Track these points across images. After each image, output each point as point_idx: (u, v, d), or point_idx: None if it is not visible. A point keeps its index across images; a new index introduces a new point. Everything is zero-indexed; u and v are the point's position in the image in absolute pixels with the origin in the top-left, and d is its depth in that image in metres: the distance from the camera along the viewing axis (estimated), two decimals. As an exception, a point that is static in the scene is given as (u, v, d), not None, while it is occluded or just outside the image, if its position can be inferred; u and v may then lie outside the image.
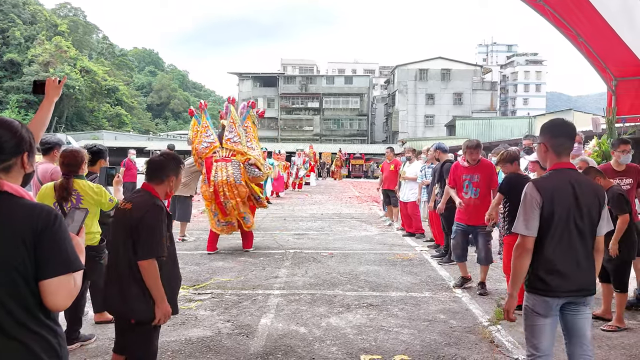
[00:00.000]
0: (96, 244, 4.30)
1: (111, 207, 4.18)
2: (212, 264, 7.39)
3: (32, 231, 1.63)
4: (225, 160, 7.91)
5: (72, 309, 4.23)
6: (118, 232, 3.00)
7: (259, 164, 8.07)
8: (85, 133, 54.17)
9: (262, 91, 66.02)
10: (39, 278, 1.64)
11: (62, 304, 1.69)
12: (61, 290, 1.66)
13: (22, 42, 59.96)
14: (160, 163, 3.13)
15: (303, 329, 4.73)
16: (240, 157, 7.95)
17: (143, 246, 2.85)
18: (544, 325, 2.79)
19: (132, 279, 2.87)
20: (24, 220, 1.64)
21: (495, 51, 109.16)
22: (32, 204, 1.71)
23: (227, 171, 7.84)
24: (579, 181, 2.80)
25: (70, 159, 4.10)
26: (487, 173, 6.14)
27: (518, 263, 2.78)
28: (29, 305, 1.64)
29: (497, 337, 4.53)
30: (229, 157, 7.93)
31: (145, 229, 2.86)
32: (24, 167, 1.79)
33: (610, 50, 7.79)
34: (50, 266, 1.64)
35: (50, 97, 2.68)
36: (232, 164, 7.89)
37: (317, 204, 17.16)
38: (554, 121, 2.93)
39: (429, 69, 58.46)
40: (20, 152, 1.76)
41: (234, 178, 7.82)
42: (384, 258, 7.93)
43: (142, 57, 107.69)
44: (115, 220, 3.10)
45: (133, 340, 2.97)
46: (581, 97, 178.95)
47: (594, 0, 6.90)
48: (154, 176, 3.11)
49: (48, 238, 1.65)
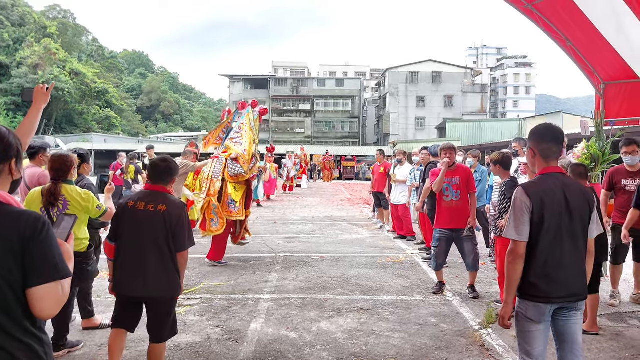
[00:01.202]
0: (84, 250, 4.25)
1: (99, 214, 4.12)
2: (202, 269, 7.34)
3: (19, 238, 1.61)
4: (215, 157, 7.74)
5: (59, 315, 4.16)
6: (156, 229, 3.33)
7: (242, 160, 7.46)
8: (75, 136, 53.75)
9: (254, 93, 65.85)
10: (26, 286, 1.62)
11: (49, 312, 1.67)
12: (49, 298, 1.64)
13: (10, 44, 59.46)
14: (166, 167, 3.54)
15: (293, 334, 4.70)
16: (226, 154, 7.63)
17: (183, 239, 3.40)
18: (536, 331, 2.77)
19: (173, 266, 3.38)
20: (11, 227, 1.62)
21: (486, 54, 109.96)
22: (20, 211, 1.69)
23: (212, 167, 7.63)
24: (568, 185, 2.81)
25: (59, 164, 4.05)
26: (465, 176, 6.15)
27: (512, 269, 2.76)
28: (16, 313, 1.62)
29: (487, 341, 4.53)
30: (218, 154, 7.73)
31: (182, 225, 3.39)
32: (12, 173, 1.77)
33: (598, 54, 7.85)
34: (37, 274, 1.62)
35: (38, 104, 2.67)
36: (219, 159, 7.62)
37: (308, 206, 17.13)
38: (540, 126, 2.94)
39: (420, 72, 58.66)
40: (8, 159, 1.74)
41: (213, 173, 7.52)
42: (375, 261, 7.92)
43: (132, 59, 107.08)
44: (146, 219, 3.35)
45: (171, 316, 3.46)
46: (570, 99, 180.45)
47: (583, 5, 6.95)
48: (162, 179, 3.52)
49: (36, 245, 1.62)
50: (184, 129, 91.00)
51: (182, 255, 3.42)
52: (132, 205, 3.41)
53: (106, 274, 6.75)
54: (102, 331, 4.65)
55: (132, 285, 3.38)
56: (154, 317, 3.44)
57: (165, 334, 3.46)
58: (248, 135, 7.80)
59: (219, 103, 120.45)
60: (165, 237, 3.33)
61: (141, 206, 3.38)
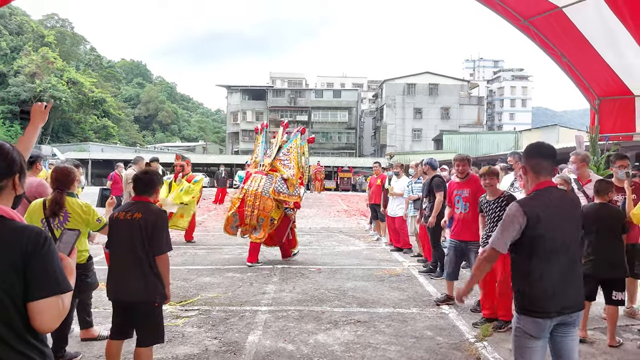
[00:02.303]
0: (84, 262, 4.28)
1: (99, 227, 4.21)
2: (200, 280, 7.35)
3: (21, 253, 1.64)
4: (262, 173, 8.49)
5: (59, 327, 4.19)
6: (133, 236, 3.51)
7: (289, 183, 8.32)
8: (72, 145, 53.70)
9: (251, 104, 66.10)
10: (27, 299, 1.65)
11: (50, 325, 1.70)
12: (49, 312, 1.67)
13: (7, 52, 59.51)
14: (148, 179, 3.76)
15: (291, 346, 4.72)
16: (277, 174, 8.43)
17: (160, 244, 3.53)
18: (535, 347, 2.80)
19: (150, 271, 3.51)
20: (14, 242, 1.65)
21: (482, 66, 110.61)
22: (22, 226, 1.73)
23: (260, 182, 8.31)
24: (562, 199, 2.90)
25: (62, 176, 4.11)
26: (475, 188, 6.23)
27: (484, 269, 3.03)
28: (17, 326, 1.65)
29: (483, 354, 4.57)
30: (267, 172, 8.49)
31: (159, 230, 3.54)
32: (15, 188, 1.81)
33: (593, 70, 7.95)
34: (39, 288, 1.65)
35: (36, 123, 2.70)
36: (268, 177, 8.39)
37: (305, 217, 17.15)
38: (531, 144, 3.06)
39: (417, 84, 59.04)
40: (11, 175, 1.78)
41: (263, 190, 8.19)
42: (372, 274, 7.95)
43: (129, 68, 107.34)
44: (125, 227, 3.56)
45: (153, 321, 3.58)
46: (566, 112, 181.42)
47: (578, 22, 7.07)
48: (145, 190, 3.73)
49: (37, 260, 1.66)
50: (181, 139, 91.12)
51: (160, 259, 3.55)
52: (116, 216, 3.66)
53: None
54: (101, 342, 4.66)
55: (117, 290, 3.62)
56: (135, 321, 3.61)
57: (147, 339, 3.59)
58: (295, 161, 8.72)
59: (217, 113, 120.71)
60: (142, 243, 3.49)
61: (122, 216, 3.62)
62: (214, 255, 9.33)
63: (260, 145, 9.11)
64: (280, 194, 8.20)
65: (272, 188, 8.20)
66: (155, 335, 3.61)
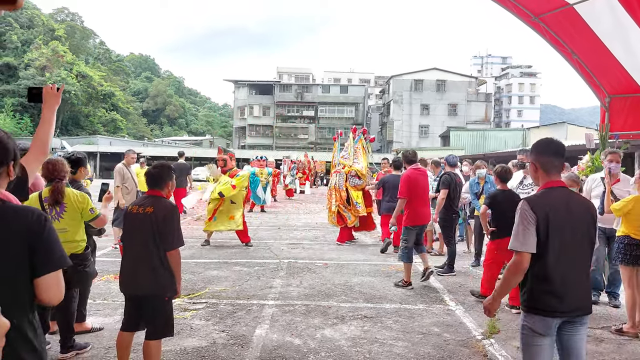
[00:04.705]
0: (81, 252, 4.30)
1: (91, 217, 4.32)
2: (207, 273, 7.40)
3: (27, 232, 1.77)
4: (336, 172, 10.74)
5: (63, 318, 4.26)
6: (143, 231, 3.55)
7: (360, 174, 10.45)
8: (80, 138, 53.97)
9: (258, 99, 66.15)
10: (35, 275, 1.77)
11: (57, 297, 1.85)
12: (54, 285, 1.81)
13: (18, 45, 59.88)
14: (158, 174, 3.78)
15: (298, 340, 4.75)
16: (346, 169, 10.52)
17: (171, 239, 3.55)
18: (542, 345, 2.76)
19: (161, 265, 3.54)
20: (18, 222, 1.79)
21: (490, 63, 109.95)
22: (24, 207, 1.88)
23: (336, 179, 10.64)
24: (572, 198, 2.84)
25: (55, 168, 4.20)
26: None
27: (513, 278, 2.79)
28: (24, 303, 1.78)
29: (490, 351, 4.57)
30: (340, 170, 10.65)
31: (170, 225, 3.56)
32: (10, 175, 1.92)
33: (603, 67, 7.87)
34: (44, 264, 1.79)
35: (51, 106, 2.63)
36: (339, 174, 10.58)
37: (312, 212, 17.18)
38: (541, 141, 2.98)
39: (424, 80, 58.82)
40: (7, 162, 1.88)
41: (338, 184, 10.48)
42: (379, 269, 7.96)
43: (138, 62, 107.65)
44: (137, 221, 3.60)
45: (163, 315, 3.62)
46: (575, 109, 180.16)
47: (589, 19, 7.00)
48: (156, 184, 3.76)
49: (42, 239, 1.79)
50: (188, 133, 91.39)
51: (171, 255, 3.58)
52: (130, 210, 3.71)
53: (105, 277, 6.90)
54: (110, 333, 4.71)
55: (128, 283, 3.67)
56: (145, 314, 3.65)
57: (157, 332, 3.62)
58: (363, 156, 10.74)
59: (224, 108, 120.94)
60: (153, 237, 3.53)
61: (134, 210, 3.67)
62: (221, 249, 9.38)
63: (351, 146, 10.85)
64: (356, 186, 10.39)
65: (348, 184, 10.35)
66: (164, 329, 3.65)
